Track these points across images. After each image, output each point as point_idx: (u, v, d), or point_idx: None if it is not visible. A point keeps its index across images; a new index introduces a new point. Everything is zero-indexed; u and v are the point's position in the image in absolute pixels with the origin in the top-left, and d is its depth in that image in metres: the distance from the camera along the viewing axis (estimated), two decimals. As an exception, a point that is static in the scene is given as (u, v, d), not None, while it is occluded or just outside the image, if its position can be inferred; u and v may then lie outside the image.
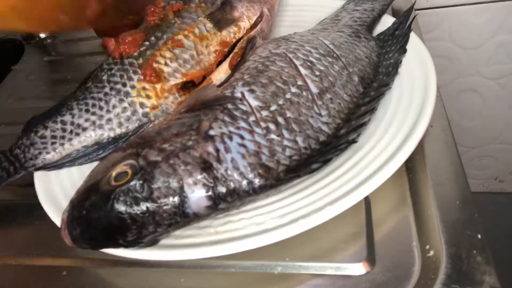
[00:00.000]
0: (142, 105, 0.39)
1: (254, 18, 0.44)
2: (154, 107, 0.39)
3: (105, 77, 0.40)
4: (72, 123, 0.39)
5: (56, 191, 0.37)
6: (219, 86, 0.37)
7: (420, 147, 0.34)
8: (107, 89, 0.39)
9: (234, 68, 0.40)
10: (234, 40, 0.42)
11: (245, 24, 0.43)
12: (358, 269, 0.29)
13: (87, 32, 0.67)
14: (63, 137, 0.38)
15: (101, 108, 0.39)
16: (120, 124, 0.39)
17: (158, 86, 0.39)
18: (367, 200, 0.33)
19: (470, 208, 0.30)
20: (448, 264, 0.27)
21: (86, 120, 0.38)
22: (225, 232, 0.30)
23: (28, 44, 0.70)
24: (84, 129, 0.38)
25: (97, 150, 0.38)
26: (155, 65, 0.39)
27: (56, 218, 0.34)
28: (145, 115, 0.39)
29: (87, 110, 0.39)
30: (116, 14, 0.41)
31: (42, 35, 0.70)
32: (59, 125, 0.39)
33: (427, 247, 0.29)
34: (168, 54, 0.40)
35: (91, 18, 0.38)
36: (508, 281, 0.31)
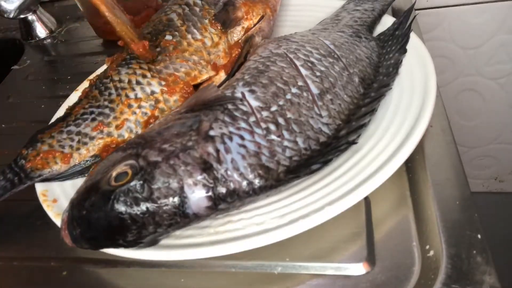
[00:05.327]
0: (151, 108, 0.38)
1: (258, 17, 0.44)
2: (163, 111, 0.39)
3: (110, 84, 0.40)
4: (78, 133, 0.38)
5: (56, 191, 0.37)
6: (219, 86, 0.37)
7: (420, 147, 0.34)
8: (113, 96, 0.39)
9: (232, 67, 0.40)
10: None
11: (249, 23, 0.43)
12: (358, 269, 0.29)
13: (87, 32, 0.68)
14: (71, 147, 0.37)
15: (107, 115, 0.38)
16: (130, 130, 0.38)
17: (166, 88, 0.39)
18: (367, 200, 0.33)
19: (470, 208, 0.30)
20: (448, 264, 0.27)
21: (93, 128, 0.38)
22: (225, 232, 0.30)
23: (28, 44, 0.70)
24: (92, 138, 0.38)
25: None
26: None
27: (57, 218, 0.34)
28: (154, 119, 0.38)
29: (93, 119, 0.38)
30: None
31: (42, 35, 0.70)
32: (65, 135, 0.38)
33: (427, 247, 0.29)
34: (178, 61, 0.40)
35: None
36: (508, 281, 0.31)
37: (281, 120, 0.32)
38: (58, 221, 0.33)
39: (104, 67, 0.47)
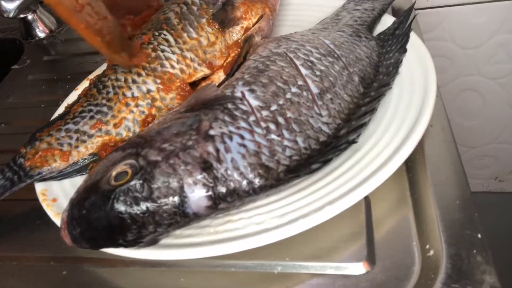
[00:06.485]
0: (148, 106, 0.38)
1: (257, 17, 0.44)
2: (160, 109, 0.39)
3: (108, 83, 0.40)
4: (77, 131, 0.38)
5: (55, 190, 0.37)
6: (219, 85, 0.37)
7: (420, 147, 0.34)
8: (111, 95, 0.39)
9: (231, 67, 0.40)
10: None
11: (248, 23, 0.43)
12: (358, 268, 0.29)
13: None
14: (69, 145, 0.37)
15: (106, 114, 0.38)
16: (128, 129, 0.38)
17: (161, 86, 0.39)
18: (367, 200, 0.33)
19: (470, 208, 0.30)
20: (448, 263, 0.27)
21: (92, 126, 0.38)
22: (225, 232, 0.30)
23: (28, 44, 0.70)
24: (90, 136, 0.38)
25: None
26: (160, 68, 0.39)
27: (56, 218, 0.34)
28: (152, 117, 0.38)
29: (91, 117, 0.38)
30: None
31: (42, 35, 0.70)
32: (63, 133, 0.38)
33: (427, 246, 0.29)
34: (174, 57, 0.40)
35: None
36: (508, 281, 0.31)
37: (281, 120, 0.32)
38: (57, 221, 0.33)
39: (105, 66, 0.47)
